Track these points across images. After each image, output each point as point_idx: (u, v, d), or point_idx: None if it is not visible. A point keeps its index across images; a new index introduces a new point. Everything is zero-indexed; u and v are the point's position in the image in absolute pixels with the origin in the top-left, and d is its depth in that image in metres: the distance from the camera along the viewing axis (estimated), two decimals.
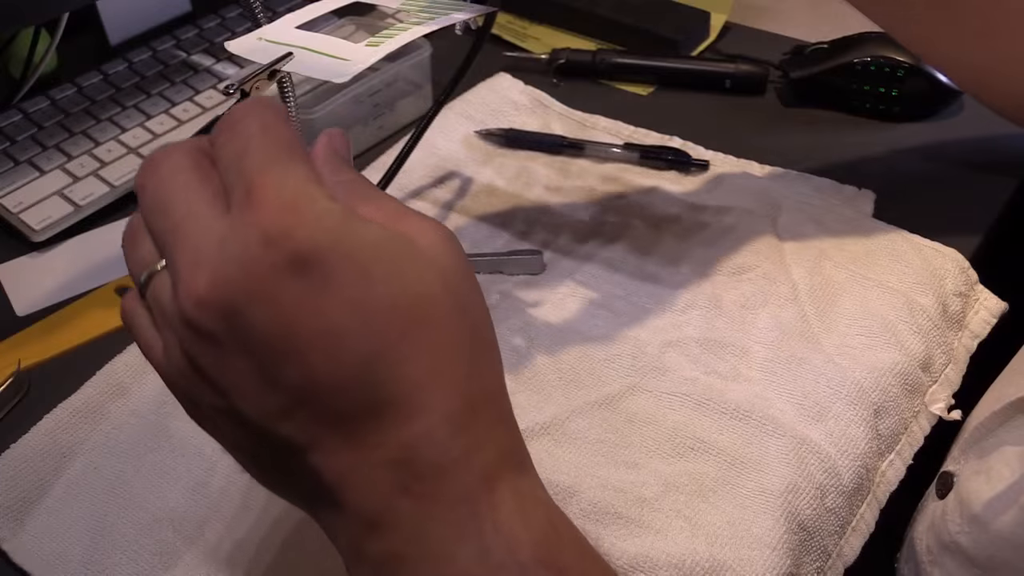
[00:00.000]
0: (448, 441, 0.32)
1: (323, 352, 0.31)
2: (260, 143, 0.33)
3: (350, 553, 0.33)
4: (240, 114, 0.34)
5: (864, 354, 0.50)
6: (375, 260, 0.32)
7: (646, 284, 0.54)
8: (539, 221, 0.60)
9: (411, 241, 0.33)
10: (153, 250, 0.35)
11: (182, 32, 0.77)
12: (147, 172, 0.35)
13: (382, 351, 0.31)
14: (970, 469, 0.46)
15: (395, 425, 0.32)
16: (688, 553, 0.41)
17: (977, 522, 0.42)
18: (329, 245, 0.31)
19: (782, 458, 0.45)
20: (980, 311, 0.55)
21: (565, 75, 0.75)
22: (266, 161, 0.32)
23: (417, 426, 0.32)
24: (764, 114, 0.71)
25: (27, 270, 0.60)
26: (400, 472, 0.32)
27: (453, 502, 0.32)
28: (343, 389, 0.31)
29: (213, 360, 0.32)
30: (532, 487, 0.34)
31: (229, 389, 0.32)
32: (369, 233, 0.32)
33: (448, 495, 0.32)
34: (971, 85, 0.58)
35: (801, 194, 0.61)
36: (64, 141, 0.67)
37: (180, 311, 0.32)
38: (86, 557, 0.43)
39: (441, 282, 0.33)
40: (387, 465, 0.32)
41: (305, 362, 0.31)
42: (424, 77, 0.70)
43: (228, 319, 0.31)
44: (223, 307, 0.31)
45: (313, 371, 0.31)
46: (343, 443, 0.32)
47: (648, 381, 0.49)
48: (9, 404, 0.51)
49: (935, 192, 0.63)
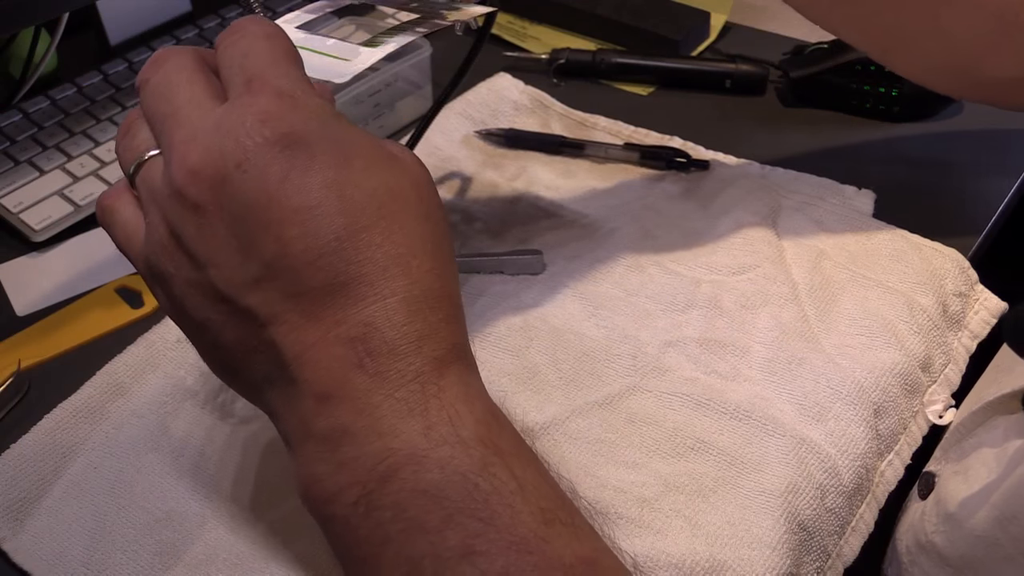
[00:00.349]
0: (404, 324, 0.34)
1: (299, 226, 0.34)
2: (264, 46, 0.37)
3: (298, 431, 0.35)
4: (245, 23, 0.38)
5: (864, 354, 0.50)
6: (357, 153, 0.35)
7: (646, 284, 0.54)
8: (539, 221, 0.60)
9: (390, 151, 0.37)
10: (147, 138, 0.38)
11: (182, 32, 0.77)
12: (151, 67, 0.38)
13: (353, 232, 0.34)
14: (950, 470, 0.46)
15: (356, 304, 0.34)
16: (688, 553, 0.41)
17: (952, 521, 0.43)
18: (318, 130, 0.35)
19: (782, 458, 0.45)
20: (980, 311, 0.55)
21: (565, 75, 0.75)
22: (268, 61, 0.36)
23: (377, 307, 0.34)
24: (764, 114, 0.71)
25: (27, 270, 0.60)
26: (356, 348, 0.34)
27: (403, 380, 0.34)
28: (313, 264, 0.34)
29: (195, 230, 0.35)
30: (478, 384, 0.36)
31: (206, 260, 0.35)
32: (354, 131, 0.36)
33: (399, 374, 0.34)
34: (879, 56, 0.59)
35: (801, 194, 0.61)
36: (64, 141, 0.67)
37: (171, 182, 0.35)
38: (86, 557, 0.43)
39: (414, 189, 0.36)
40: (345, 342, 0.34)
41: (281, 234, 0.34)
42: (424, 77, 0.70)
43: (215, 189, 0.34)
44: (213, 177, 0.34)
45: (287, 244, 0.34)
46: (305, 318, 0.34)
47: (648, 381, 0.49)
48: (9, 404, 0.51)
49: (935, 192, 0.63)
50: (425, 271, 0.35)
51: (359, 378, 0.34)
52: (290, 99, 0.35)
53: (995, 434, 0.44)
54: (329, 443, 0.34)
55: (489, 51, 0.62)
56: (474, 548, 0.32)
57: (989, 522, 0.40)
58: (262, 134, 0.34)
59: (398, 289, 0.34)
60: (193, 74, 0.37)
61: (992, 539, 0.40)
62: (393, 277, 0.34)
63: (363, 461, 0.33)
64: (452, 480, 0.33)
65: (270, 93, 0.35)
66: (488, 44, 0.55)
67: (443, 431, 0.33)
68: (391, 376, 0.34)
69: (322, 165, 0.34)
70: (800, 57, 0.72)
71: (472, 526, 0.32)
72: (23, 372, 0.53)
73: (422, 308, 0.35)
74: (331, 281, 0.34)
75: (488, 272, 0.56)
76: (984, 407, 0.45)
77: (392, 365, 0.34)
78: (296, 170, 0.34)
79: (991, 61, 0.54)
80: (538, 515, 0.33)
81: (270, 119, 0.34)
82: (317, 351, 0.34)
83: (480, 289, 0.55)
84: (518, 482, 0.33)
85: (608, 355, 0.50)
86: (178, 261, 0.35)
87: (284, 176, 0.34)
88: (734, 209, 0.59)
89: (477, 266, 0.56)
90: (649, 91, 0.74)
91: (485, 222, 0.60)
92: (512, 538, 0.32)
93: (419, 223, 0.36)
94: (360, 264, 0.34)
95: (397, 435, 0.33)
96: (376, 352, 0.34)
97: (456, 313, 0.36)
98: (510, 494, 0.33)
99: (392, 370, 0.34)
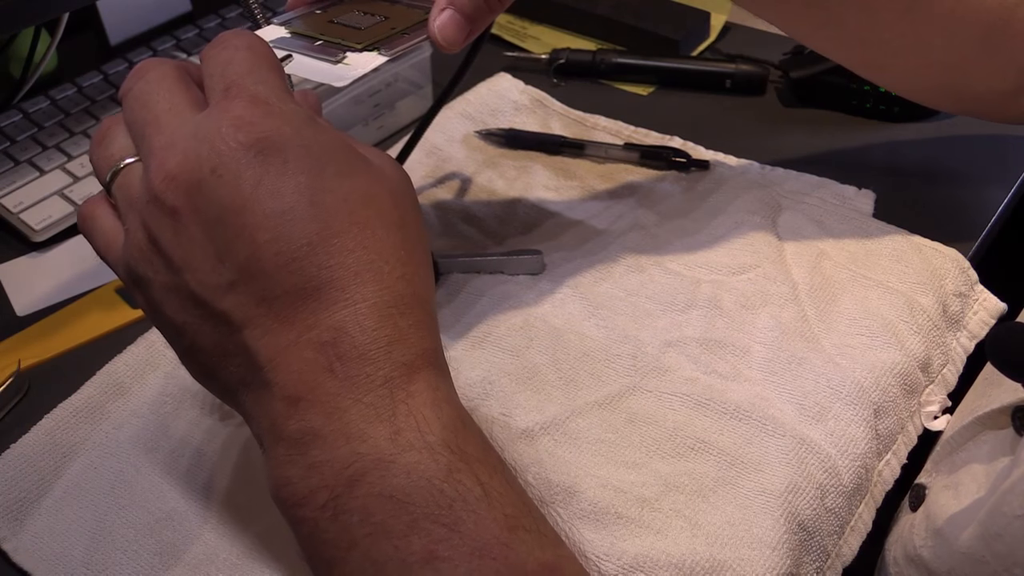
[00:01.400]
0: (374, 330, 0.35)
1: (271, 230, 0.34)
2: (245, 56, 0.38)
3: (270, 433, 0.35)
4: (228, 36, 0.39)
5: (864, 354, 0.50)
6: (331, 159, 0.36)
7: (646, 284, 0.54)
8: (539, 221, 0.60)
9: (365, 157, 0.37)
10: (124, 146, 0.39)
11: (182, 32, 0.77)
12: (134, 77, 0.39)
13: (325, 238, 0.35)
14: (940, 483, 0.45)
15: (327, 308, 0.34)
16: (688, 553, 0.41)
17: (939, 536, 0.42)
18: (292, 136, 0.35)
19: (782, 458, 0.45)
20: (979, 312, 0.55)
21: (565, 75, 0.75)
22: (246, 69, 0.37)
23: (348, 312, 0.34)
24: (764, 114, 0.71)
25: (27, 270, 0.60)
26: (327, 353, 0.34)
27: (372, 385, 0.34)
28: (284, 268, 0.34)
29: (172, 235, 0.35)
30: (448, 389, 0.37)
31: (182, 264, 0.35)
32: (330, 137, 0.37)
33: (368, 378, 0.34)
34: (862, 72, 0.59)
35: (801, 194, 0.61)
36: (64, 141, 0.67)
37: (149, 188, 0.36)
38: (86, 557, 0.43)
39: (389, 195, 0.37)
40: (316, 346, 0.34)
41: (254, 238, 0.34)
42: (424, 77, 0.70)
43: (191, 194, 0.35)
44: (189, 182, 0.35)
45: (259, 248, 0.34)
46: (278, 322, 0.35)
47: (648, 381, 0.49)
48: (9, 404, 0.51)
49: (935, 192, 0.63)
50: (397, 277, 0.35)
51: (329, 382, 0.34)
52: (264, 105, 0.36)
53: (984, 449, 0.44)
54: (299, 446, 0.34)
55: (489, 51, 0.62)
56: (437, 554, 0.33)
57: (975, 539, 0.40)
58: (236, 139, 0.35)
59: (369, 295, 0.35)
60: (175, 83, 0.38)
61: (978, 556, 0.39)
62: (364, 283, 0.35)
63: (332, 465, 0.34)
64: (418, 485, 0.33)
65: (245, 99, 0.36)
66: (488, 44, 0.55)
67: (410, 436, 0.34)
68: (360, 381, 0.34)
69: (295, 170, 0.35)
70: (800, 57, 0.72)
71: (436, 532, 0.33)
72: (23, 372, 0.53)
73: (392, 314, 0.35)
74: (303, 285, 0.34)
75: (488, 272, 0.56)
76: (974, 421, 0.45)
77: (361, 369, 0.34)
78: (269, 175, 0.35)
79: (977, 75, 0.54)
80: (502, 521, 0.34)
81: (244, 125, 0.35)
82: (289, 355, 0.34)
83: (480, 289, 0.55)
84: (483, 488, 0.34)
85: (608, 355, 0.50)
86: (156, 265, 0.36)
87: (257, 181, 0.34)
88: (734, 209, 0.59)
89: (477, 266, 0.56)
90: (649, 91, 0.74)
91: (485, 222, 0.60)
92: (475, 544, 0.33)
93: (392, 229, 0.36)
94: (331, 269, 0.35)
95: (364, 440, 0.34)
96: (346, 357, 0.34)
97: (427, 319, 0.37)
98: (475, 500, 0.33)
99: (361, 375, 0.34)
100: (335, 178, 0.36)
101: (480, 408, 0.48)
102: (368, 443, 0.34)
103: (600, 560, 0.41)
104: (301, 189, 0.35)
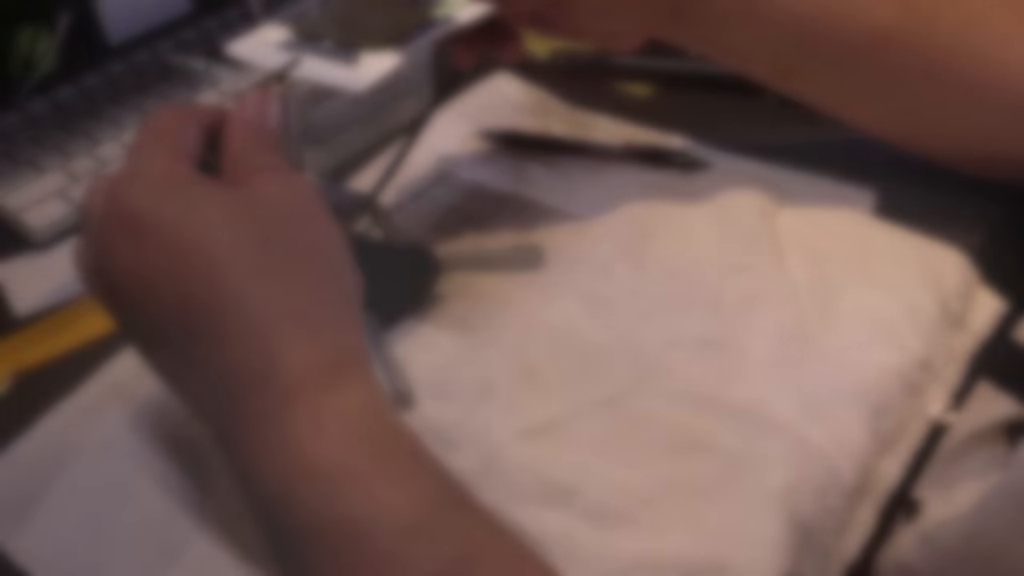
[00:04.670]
0: (246, 361, 0.35)
1: (149, 295, 0.37)
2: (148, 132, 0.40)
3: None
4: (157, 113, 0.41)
5: (864, 354, 0.50)
6: (184, 212, 0.37)
7: (646, 284, 0.54)
8: (539, 221, 0.60)
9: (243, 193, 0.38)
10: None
11: (182, 32, 0.77)
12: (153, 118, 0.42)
13: (190, 288, 0.36)
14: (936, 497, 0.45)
15: (212, 352, 0.36)
16: (688, 553, 0.41)
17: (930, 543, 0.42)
18: (147, 206, 0.37)
19: (782, 458, 0.45)
20: (980, 311, 0.55)
21: (565, 75, 0.75)
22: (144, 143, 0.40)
23: (226, 350, 0.36)
24: (764, 114, 0.71)
25: (27, 270, 0.60)
26: (220, 394, 0.36)
27: (255, 419, 0.35)
28: (170, 325, 0.36)
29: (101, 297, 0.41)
30: (335, 401, 0.36)
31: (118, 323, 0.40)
32: (183, 194, 0.38)
33: (250, 413, 0.35)
34: (900, 144, 0.61)
35: (801, 194, 0.61)
36: (64, 141, 0.67)
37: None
38: (86, 557, 0.43)
39: (250, 222, 0.37)
40: (214, 388, 0.36)
41: (144, 307, 0.37)
42: (424, 77, 0.69)
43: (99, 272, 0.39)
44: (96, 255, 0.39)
45: (150, 315, 0.37)
46: (189, 371, 0.37)
47: (648, 381, 0.49)
48: (9, 404, 0.51)
49: (935, 192, 0.63)
50: (261, 299, 0.36)
51: (229, 424, 0.36)
52: (131, 178, 0.38)
53: (979, 464, 0.44)
54: (244, 485, 0.37)
55: None
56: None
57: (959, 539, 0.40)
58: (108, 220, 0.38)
59: (237, 328, 0.36)
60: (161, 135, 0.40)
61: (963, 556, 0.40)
62: (232, 318, 0.36)
63: (257, 503, 0.37)
64: (310, 520, 0.34)
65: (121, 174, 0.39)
66: None
67: (297, 470, 0.35)
68: (246, 417, 0.36)
69: (150, 234, 0.37)
70: None
71: (331, 560, 0.34)
72: (23, 372, 0.53)
73: (262, 337, 0.36)
74: (189, 337, 0.36)
75: (488, 271, 0.56)
76: (970, 436, 0.45)
77: (244, 406, 0.36)
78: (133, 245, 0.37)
79: (1014, 143, 0.56)
80: (397, 533, 0.34)
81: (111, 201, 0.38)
82: (205, 399, 0.38)
83: (480, 290, 0.55)
84: (375, 504, 0.34)
85: (608, 355, 0.50)
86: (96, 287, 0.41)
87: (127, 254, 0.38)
88: (734, 209, 0.59)
89: (477, 266, 0.56)
90: (649, 91, 0.74)
91: (484, 222, 0.60)
92: (371, 559, 0.33)
93: (255, 250, 0.37)
94: (202, 315, 0.36)
95: (265, 482, 0.35)
96: (232, 396, 0.36)
97: (311, 325, 0.37)
98: (367, 520, 0.34)
99: (245, 411, 0.36)
100: (188, 229, 0.37)
101: (480, 408, 0.48)
102: (268, 485, 0.36)
103: (600, 560, 0.41)
104: (157, 249, 0.37)
